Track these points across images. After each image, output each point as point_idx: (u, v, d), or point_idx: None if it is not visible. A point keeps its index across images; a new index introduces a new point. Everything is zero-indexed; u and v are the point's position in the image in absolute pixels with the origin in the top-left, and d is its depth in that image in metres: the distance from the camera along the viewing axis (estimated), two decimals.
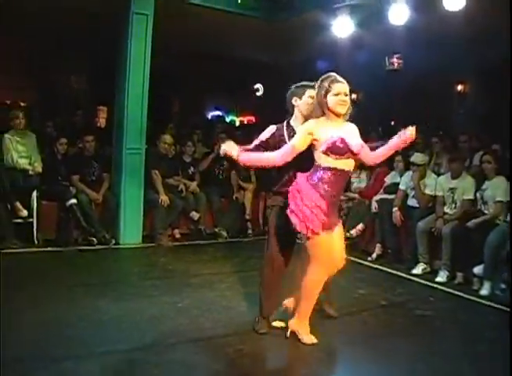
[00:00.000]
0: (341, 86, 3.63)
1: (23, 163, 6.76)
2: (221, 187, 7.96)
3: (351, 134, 3.72)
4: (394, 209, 6.66)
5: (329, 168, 3.62)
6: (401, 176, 6.95)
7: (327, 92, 3.60)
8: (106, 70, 7.48)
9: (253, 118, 10.98)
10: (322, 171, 3.63)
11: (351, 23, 7.23)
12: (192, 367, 3.43)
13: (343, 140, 3.58)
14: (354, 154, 3.66)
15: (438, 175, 6.68)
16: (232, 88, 10.56)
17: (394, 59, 8.23)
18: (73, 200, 6.71)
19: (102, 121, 9.04)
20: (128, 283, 5.43)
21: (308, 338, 3.87)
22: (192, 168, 7.93)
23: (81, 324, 4.01)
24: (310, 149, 3.67)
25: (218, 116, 9.23)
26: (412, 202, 6.73)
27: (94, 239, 6.81)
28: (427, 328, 4.46)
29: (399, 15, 6.61)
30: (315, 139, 3.62)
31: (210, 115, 10.30)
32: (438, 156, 6.99)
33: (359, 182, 7.44)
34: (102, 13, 7.14)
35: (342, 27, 7.28)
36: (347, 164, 3.68)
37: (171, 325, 4.15)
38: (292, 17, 7.58)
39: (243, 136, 7.51)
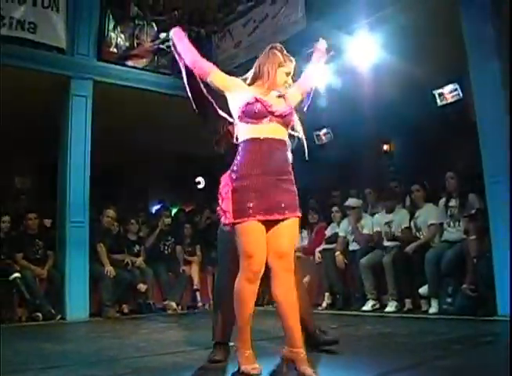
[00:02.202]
0: (292, 66, 3.22)
1: None
2: (168, 262, 7.98)
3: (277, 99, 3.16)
4: (337, 253, 6.86)
5: (247, 140, 3.05)
6: (339, 225, 7.21)
7: (280, 66, 3.17)
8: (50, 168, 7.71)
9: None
10: (240, 148, 3.07)
11: None
12: None
13: (258, 99, 3.02)
14: (277, 116, 3.04)
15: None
16: (174, 183, 10.91)
17: (322, 133, 8.82)
18: (17, 274, 6.60)
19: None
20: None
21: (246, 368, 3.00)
22: (137, 246, 7.96)
23: None
24: None
25: (163, 206, 9.44)
26: (353, 246, 6.96)
27: (39, 314, 6.60)
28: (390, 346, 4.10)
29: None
30: (229, 95, 3.14)
31: (154, 209, 10.50)
32: (373, 206, 7.32)
33: (301, 240, 7.62)
34: (41, 101, 7.50)
35: None
36: (272, 130, 3.04)
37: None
38: None
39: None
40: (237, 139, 3.13)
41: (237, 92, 3.11)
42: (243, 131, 3.08)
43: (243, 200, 2.94)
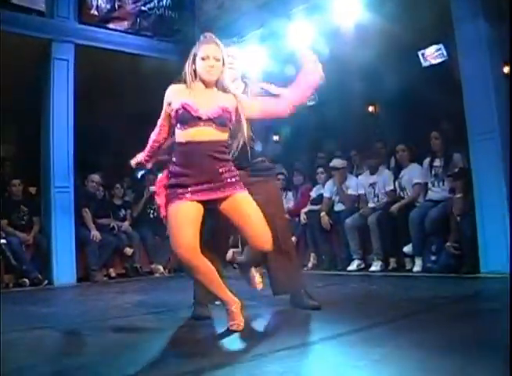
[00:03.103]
0: (209, 48, 3.09)
1: None
2: (154, 226, 7.95)
3: (214, 99, 3.09)
4: (322, 214, 6.89)
5: (177, 144, 3.08)
6: (324, 187, 7.23)
7: (195, 56, 3.11)
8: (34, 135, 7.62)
9: None
10: (175, 151, 3.10)
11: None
12: None
13: (183, 105, 2.99)
14: (206, 120, 2.99)
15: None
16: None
17: None
18: (3, 240, 6.58)
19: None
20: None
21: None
22: (123, 211, 7.96)
23: None
24: None
25: (148, 171, 9.34)
26: (338, 207, 7.00)
27: (26, 280, 6.60)
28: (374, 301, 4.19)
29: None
30: (172, 110, 3.09)
31: (139, 174, 10.43)
32: (358, 167, 7.34)
33: (286, 202, 7.63)
34: (22, 66, 7.38)
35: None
36: (199, 134, 3.00)
37: None
38: None
39: None
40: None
41: (174, 102, 3.08)
42: (176, 136, 3.09)
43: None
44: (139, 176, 10.15)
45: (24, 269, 6.65)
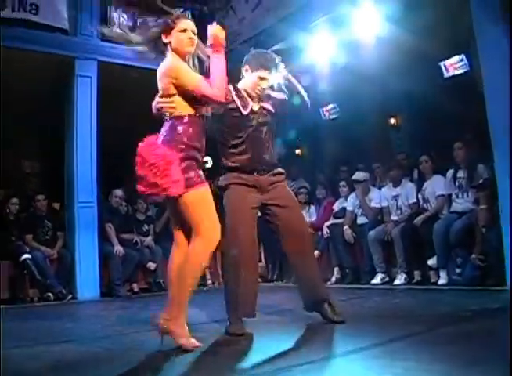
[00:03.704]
0: (188, 22, 3.18)
1: None
2: None
3: None
4: (345, 227, 6.84)
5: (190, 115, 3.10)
6: (347, 200, 7.19)
7: (170, 29, 3.15)
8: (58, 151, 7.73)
9: None
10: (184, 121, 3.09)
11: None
12: None
13: None
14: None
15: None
16: None
17: (329, 109, 8.73)
18: (27, 255, 6.66)
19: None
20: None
21: (188, 341, 2.96)
22: (146, 226, 7.99)
23: None
24: None
25: None
26: (361, 220, 6.95)
27: (50, 295, 6.67)
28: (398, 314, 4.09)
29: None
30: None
31: None
32: (381, 180, 7.29)
33: (309, 216, 7.60)
34: (46, 83, 7.50)
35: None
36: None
37: None
38: None
39: None
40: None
41: None
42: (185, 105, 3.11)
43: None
44: None
45: (48, 283, 6.73)
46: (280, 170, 3.75)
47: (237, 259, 3.47)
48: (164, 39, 3.17)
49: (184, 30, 3.15)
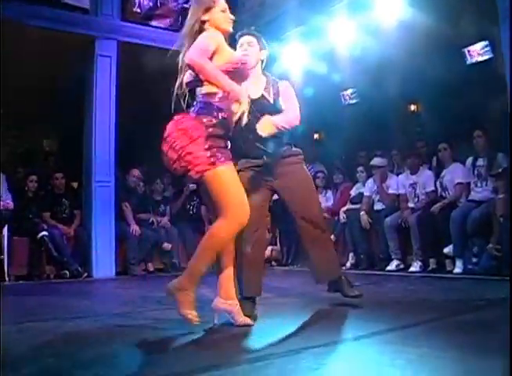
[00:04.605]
0: (225, 3, 3.21)
1: None
2: (193, 222, 8.00)
3: None
4: (362, 213, 6.82)
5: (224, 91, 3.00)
6: (364, 185, 7.16)
7: (210, 7, 3.13)
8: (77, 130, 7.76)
9: None
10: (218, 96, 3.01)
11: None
12: None
13: None
14: None
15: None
16: None
17: (349, 94, 8.66)
18: (45, 232, 6.71)
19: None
20: None
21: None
22: (162, 206, 8.02)
23: None
24: None
25: None
26: (378, 206, 6.92)
27: (66, 272, 6.74)
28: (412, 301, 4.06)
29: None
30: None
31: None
32: (399, 167, 7.24)
33: (326, 200, 7.58)
34: (66, 62, 7.50)
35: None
36: None
37: None
38: None
39: None
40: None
41: None
42: None
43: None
44: None
45: (65, 260, 6.80)
46: (296, 150, 3.68)
47: (244, 239, 3.36)
48: (203, 17, 3.13)
49: (224, 10, 3.19)
